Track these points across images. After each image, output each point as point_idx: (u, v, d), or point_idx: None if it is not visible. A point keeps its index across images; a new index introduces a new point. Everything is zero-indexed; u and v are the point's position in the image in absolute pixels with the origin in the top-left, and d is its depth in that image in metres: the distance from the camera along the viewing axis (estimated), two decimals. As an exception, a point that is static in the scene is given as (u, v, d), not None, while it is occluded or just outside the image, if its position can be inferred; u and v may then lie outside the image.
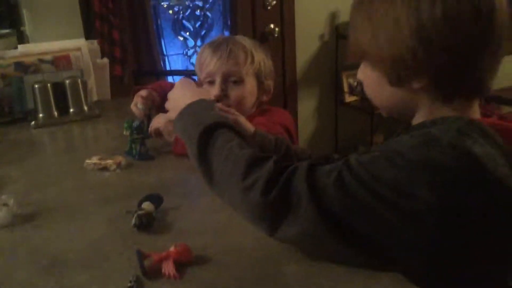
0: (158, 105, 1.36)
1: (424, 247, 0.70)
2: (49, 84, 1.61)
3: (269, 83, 1.41)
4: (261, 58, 1.37)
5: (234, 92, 1.33)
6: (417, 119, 0.83)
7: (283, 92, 2.90)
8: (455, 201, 0.68)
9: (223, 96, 1.32)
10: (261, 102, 1.42)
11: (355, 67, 1.79)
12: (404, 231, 0.69)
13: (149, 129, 1.28)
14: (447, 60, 0.76)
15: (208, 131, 0.85)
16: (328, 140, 3.09)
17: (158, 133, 1.27)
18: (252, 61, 1.34)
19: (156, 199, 0.98)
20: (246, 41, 1.37)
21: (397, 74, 0.79)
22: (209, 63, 1.34)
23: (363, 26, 0.81)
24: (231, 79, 1.33)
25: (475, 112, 0.82)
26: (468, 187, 0.69)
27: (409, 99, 0.82)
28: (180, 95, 1.00)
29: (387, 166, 0.71)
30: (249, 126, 1.09)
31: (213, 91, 1.32)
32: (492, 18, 0.76)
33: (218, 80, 1.33)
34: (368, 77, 0.85)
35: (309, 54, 2.91)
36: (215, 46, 1.35)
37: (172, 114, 0.97)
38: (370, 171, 0.71)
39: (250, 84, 1.35)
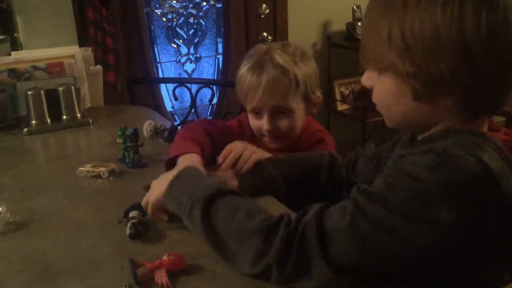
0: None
1: (439, 260, 0.70)
2: (42, 91, 1.60)
3: (318, 94, 1.32)
4: (306, 74, 1.26)
5: (284, 124, 1.28)
6: (429, 133, 0.79)
7: (276, 100, 2.92)
8: (473, 217, 0.67)
9: (273, 129, 1.28)
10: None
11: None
12: (421, 253, 0.69)
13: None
14: (488, 80, 0.71)
15: (208, 203, 0.83)
16: (320, 148, 3.10)
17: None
18: (297, 86, 1.24)
19: (142, 208, 0.97)
20: (285, 59, 1.24)
21: (428, 90, 0.73)
22: (253, 97, 1.26)
23: (392, 36, 0.73)
24: (279, 111, 1.27)
25: (485, 127, 0.79)
26: (485, 204, 0.68)
27: (430, 115, 0.77)
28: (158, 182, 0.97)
29: (403, 194, 0.68)
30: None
31: (264, 125, 1.28)
32: None
33: (266, 115, 1.27)
34: (385, 88, 0.79)
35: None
36: (256, 73, 1.24)
37: (154, 194, 0.95)
38: (384, 205, 0.69)
39: (300, 110, 1.28)
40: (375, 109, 0.85)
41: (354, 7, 2.81)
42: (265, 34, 2.83)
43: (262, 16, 2.79)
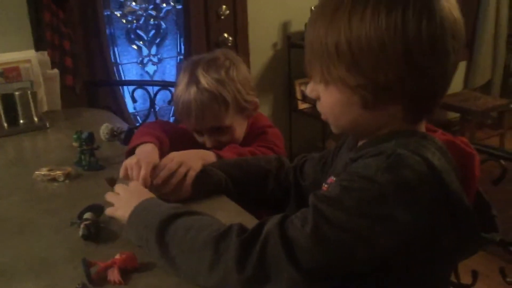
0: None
1: (398, 258, 0.73)
2: (-2, 96, 1.61)
3: (252, 100, 1.34)
4: (234, 89, 1.28)
5: (225, 138, 1.32)
6: (375, 135, 0.82)
7: (238, 100, 2.95)
8: (425, 214, 0.71)
9: (216, 145, 1.31)
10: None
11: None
12: (381, 250, 0.71)
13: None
14: (432, 86, 0.76)
15: (162, 229, 0.83)
16: (283, 146, 3.15)
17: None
18: (226, 106, 1.27)
19: (96, 209, 1.00)
20: (209, 82, 1.26)
21: (377, 99, 0.76)
22: (188, 120, 1.31)
23: (340, 49, 0.75)
24: (216, 128, 1.31)
25: (423, 128, 0.84)
26: (433, 201, 0.71)
27: (377, 120, 0.80)
28: (127, 198, 0.97)
29: (359, 195, 0.71)
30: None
31: (206, 143, 1.33)
32: (462, 40, 0.77)
33: (206, 135, 1.32)
34: (333, 99, 0.80)
35: (262, 62, 2.97)
36: (185, 97, 1.27)
37: (119, 212, 0.95)
38: (342, 208, 0.71)
39: (237, 121, 1.32)
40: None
41: (312, 7, 2.87)
42: (225, 35, 2.86)
43: (222, 17, 2.82)
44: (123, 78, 2.72)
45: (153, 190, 1.03)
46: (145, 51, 2.78)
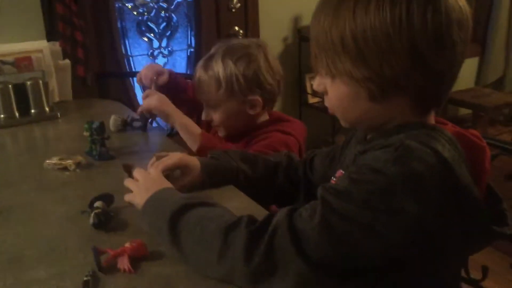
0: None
1: (408, 250, 0.72)
2: (10, 86, 1.61)
3: (252, 96, 1.36)
4: (236, 78, 1.33)
5: (215, 116, 1.41)
6: (384, 128, 0.82)
7: (247, 93, 2.95)
8: (434, 206, 0.70)
9: (207, 119, 1.43)
10: (271, 113, 1.46)
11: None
12: (389, 243, 0.70)
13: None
14: (437, 78, 0.76)
15: (173, 220, 0.83)
16: (292, 141, 3.14)
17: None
18: (219, 87, 1.34)
19: (107, 198, 1.01)
20: (218, 63, 1.35)
21: (383, 91, 0.77)
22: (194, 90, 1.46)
23: (345, 42, 0.76)
24: (208, 104, 1.41)
25: (433, 120, 0.84)
26: (443, 193, 0.70)
27: (385, 113, 0.80)
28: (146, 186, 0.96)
29: (368, 187, 0.70)
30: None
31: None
32: (469, 29, 0.76)
33: (204, 106, 1.43)
34: (340, 92, 0.81)
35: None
36: (195, 73, 1.42)
37: (137, 199, 0.95)
38: (351, 200, 0.71)
39: (228, 107, 1.37)
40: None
41: (323, 1, 2.86)
42: (236, 28, 2.86)
43: (233, 10, 2.82)
44: (133, 70, 2.73)
45: None
46: (155, 43, 2.79)
